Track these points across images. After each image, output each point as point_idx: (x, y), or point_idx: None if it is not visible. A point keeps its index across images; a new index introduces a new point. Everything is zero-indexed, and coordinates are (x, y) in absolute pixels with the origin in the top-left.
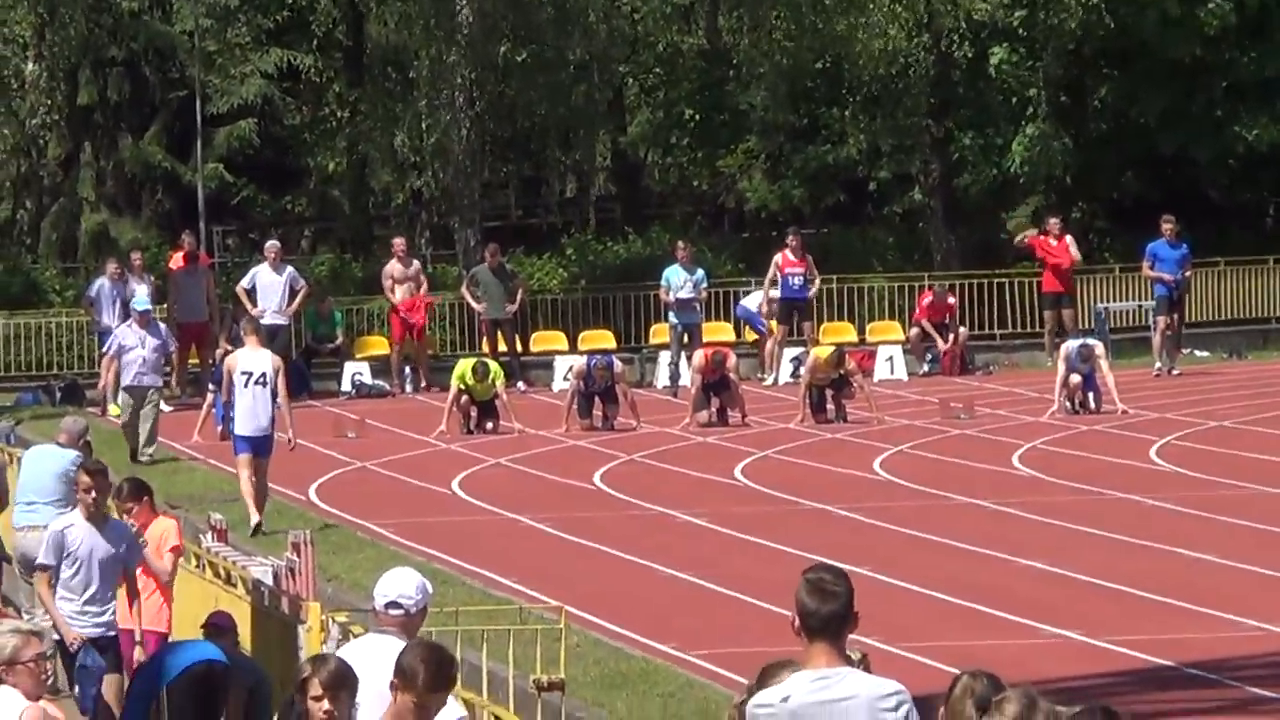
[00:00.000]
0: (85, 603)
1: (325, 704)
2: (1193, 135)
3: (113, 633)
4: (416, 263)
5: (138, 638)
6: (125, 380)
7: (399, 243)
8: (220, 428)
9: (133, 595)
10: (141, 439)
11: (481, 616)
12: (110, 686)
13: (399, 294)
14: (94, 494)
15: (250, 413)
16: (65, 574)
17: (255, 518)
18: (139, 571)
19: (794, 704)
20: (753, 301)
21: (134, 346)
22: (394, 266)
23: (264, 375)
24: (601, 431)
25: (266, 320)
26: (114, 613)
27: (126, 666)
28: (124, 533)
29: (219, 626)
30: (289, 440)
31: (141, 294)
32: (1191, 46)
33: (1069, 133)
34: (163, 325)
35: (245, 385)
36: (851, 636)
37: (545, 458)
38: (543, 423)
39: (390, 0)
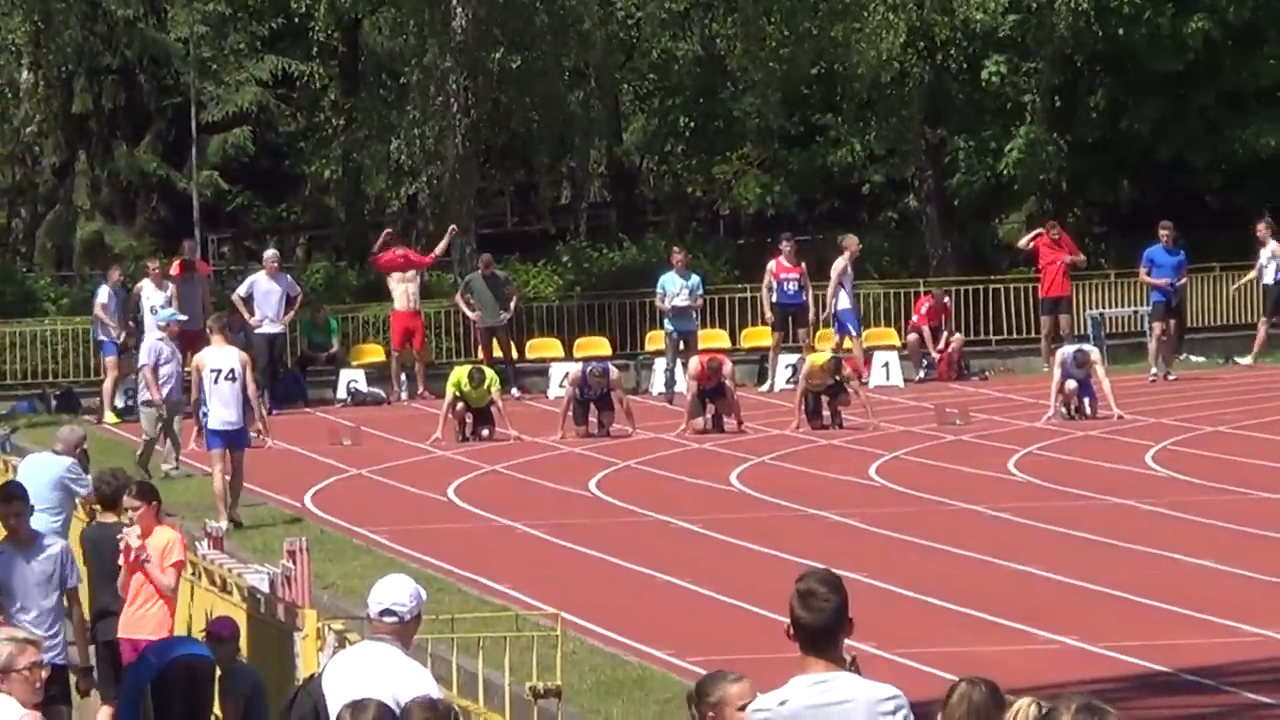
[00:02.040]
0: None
1: None
2: (1188, 141)
3: (59, 661)
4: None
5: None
6: (163, 392)
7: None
8: (197, 429)
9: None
10: (171, 451)
11: (477, 623)
12: None
13: (398, 295)
14: (14, 518)
15: (222, 408)
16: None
17: (224, 522)
18: (143, 580)
19: (792, 708)
20: (844, 301)
21: (170, 359)
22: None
23: (233, 371)
24: (597, 438)
25: (264, 329)
26: (60, 646)
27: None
28: (56, 554)
29: (219, 635)
30: (260, 435)
31: (160, 301)
32: (1180, 59)
33: (1063, 138)
34: None
35: (215, 381)
36: (846, 642)
37: (541, 464)
38: (538, 429)
39: (385, 7)
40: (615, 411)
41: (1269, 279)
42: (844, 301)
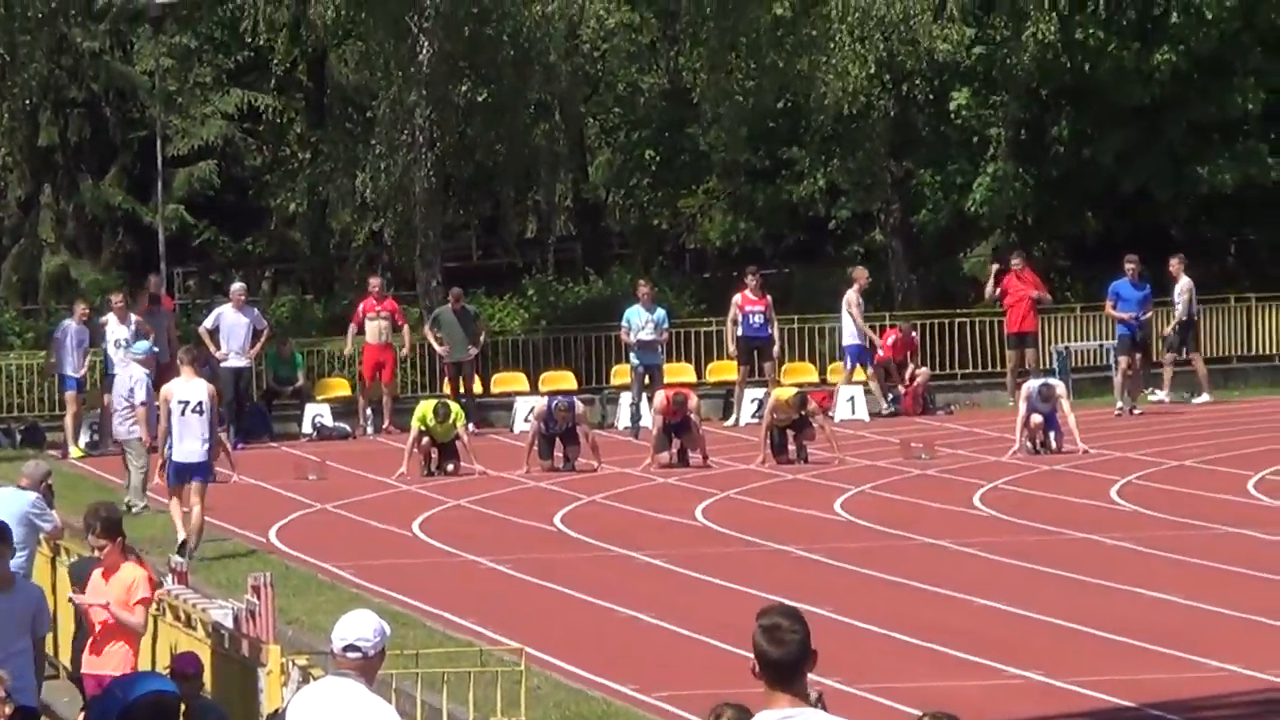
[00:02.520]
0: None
1: None
2: (1153, 174)
3: (30, 704)
4: (389, 301)
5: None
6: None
7: (375, 282)
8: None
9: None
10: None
11: (442, 658)
12: None
13: (370, 330)
14: None
15: (189, 439)
16: None
17: (181, 534)
18: (105, 617)
19: None
20: (851, 335)
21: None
22: (369, 304)
23: (200, 404)
24: (562, 473)
25: (230, 362)
26: (29, 691)
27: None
28: (29, 599)
29: (183, 672)
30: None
31: (124, 335)
32: (1146, 92)
33: (1029, 172)
34: None
35: (183, 413)
36: (811, 676)
37: (506, 499)
38: (504, 464)
39: (350, 40)
40: (580, 446)
41: (1180, 315)
42: (849, 336)
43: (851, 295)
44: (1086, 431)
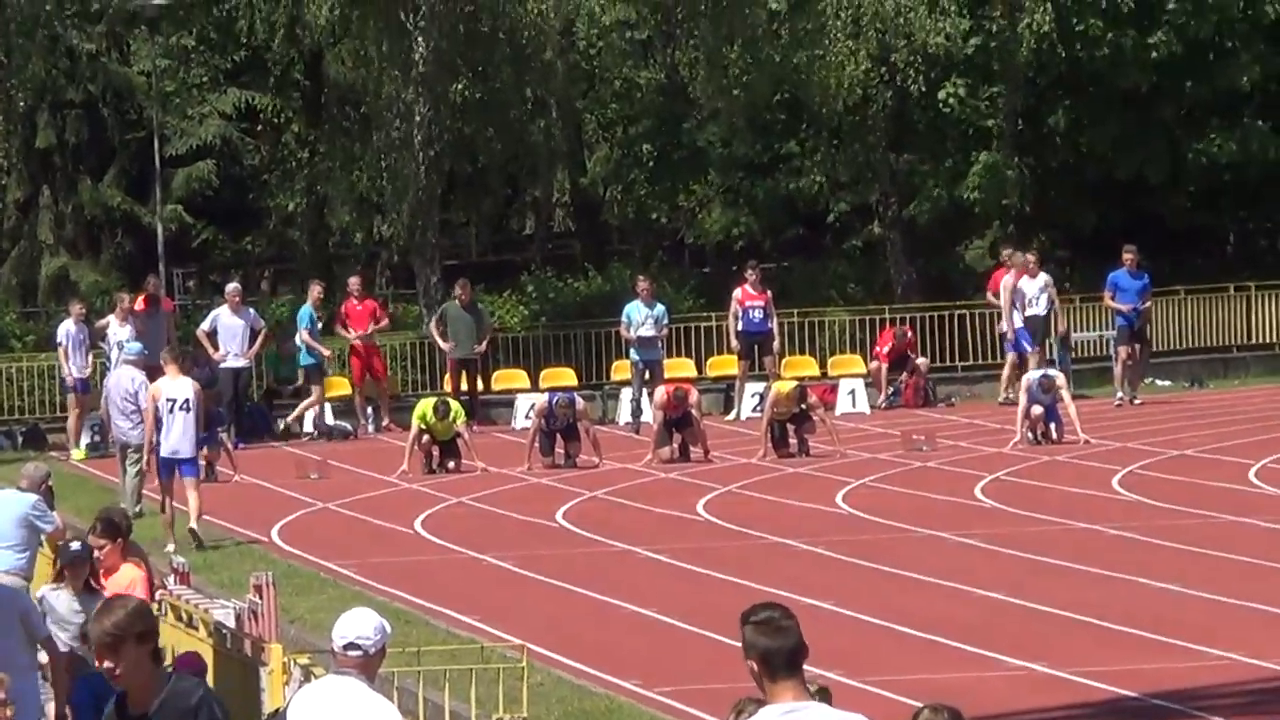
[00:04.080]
0: None
1: None
2: (1148, 158)
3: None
4: (370, 300)
5: None
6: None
7: (354, 281)
8: (118, 449)
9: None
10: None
11: (444, 656)
12: None
13: (354, 333)
14: None
15: (175, 437)
16: None
17: (171, 544)
18: None
19: None
20: (1018, 320)
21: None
22: (350, 305)
23: (186, 401)
24: (564, 469)
25: (229, 363)
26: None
27: None
28: (6, 601)
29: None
30: (209, 464)
31: (126, 336)
32: (1143, 76)
33: (1026, 163)
34: None
35: (170, 411)
36: (814, 670)
37: (507, 496)
38: (505, 461)
39: (347, 39)
40: (581, 442)
41: (1040, 310)
42: (1018, 320)
43: (1009, 280)
44: (1087, 422)
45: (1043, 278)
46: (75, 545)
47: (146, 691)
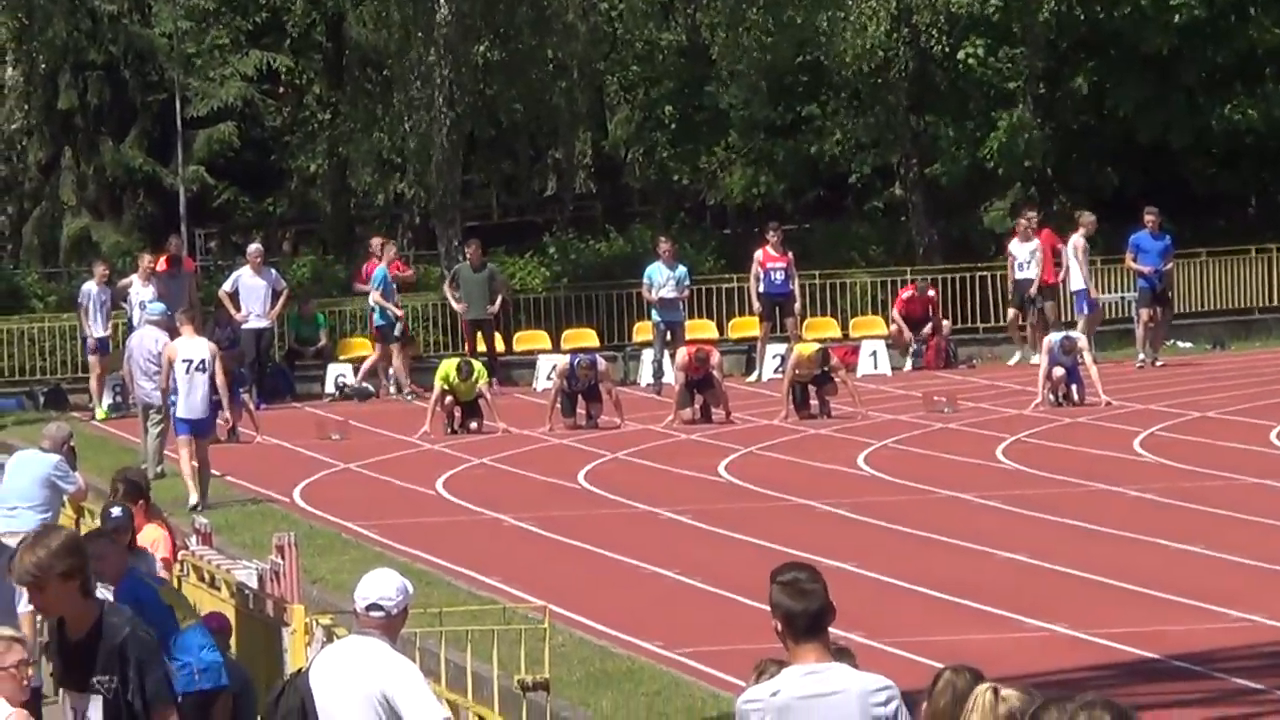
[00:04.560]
0: None
1: None
2: (1171, 122)
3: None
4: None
5: None
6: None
7: (376, 242)
8: (140, 409)
9: None
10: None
11: (466, 617)
12: None
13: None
14: None
15: (191, 397)
16: None
17: (194, 497)
18: None
19: (783, 698)
20: (1078, 281)
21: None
22: (372, 265)
23: (203, 362)
24: (585, 430)
25: (251, 324)
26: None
27: None
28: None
29: (214, 629)
30: (227, 420)
31: (149, 296)
32: (1165, 39)
33: (1048, 124)
34: None
35: (186, 372)
36: (835, 632)
37: (529, 457)
38: (526, 422)
39: (368, 1)
40: (603, 403)
41: (1030, 274)
42: (1078, 281)
43: (1078, 240)
44: (1109, 384)
45: (1034, 242)
46: (116, 511)
47: (80, 622)
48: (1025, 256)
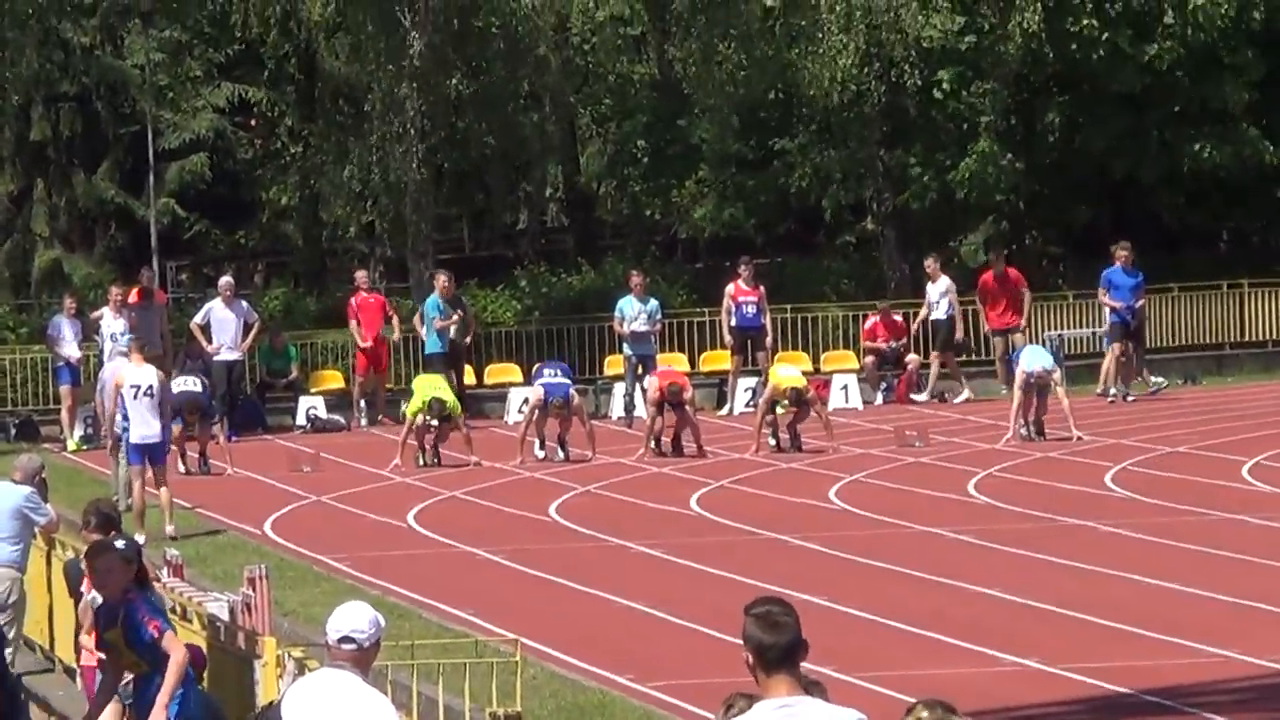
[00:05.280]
0: None
1: None
2: (1142, 160)
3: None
4: (378, 294)
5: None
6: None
7: (362, 275)
8: (110, 441)
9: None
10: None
11: (437, 650)
12: None
13: (366, 321)
14: None
15: (142, 422)
16: None
17: (140, 536)
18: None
19: None
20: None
21: None
22: (360, 298)
23: (150, 387)
24: (557, 463)
25: (222, 356)
26: None
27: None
28: None
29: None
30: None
31: (120, 329)
32: (1139, 80)
33: (1020, 158)
34: None
35: (135, 397)
36: (807, 666)
37: (501, 490)
38: (498, 455)
39: (341, 33)
40: (575, 430)
41: (940, 315)
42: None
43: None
44: (1080, 418)
45: (944, 282)
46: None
47: None
48: (935, 296)
